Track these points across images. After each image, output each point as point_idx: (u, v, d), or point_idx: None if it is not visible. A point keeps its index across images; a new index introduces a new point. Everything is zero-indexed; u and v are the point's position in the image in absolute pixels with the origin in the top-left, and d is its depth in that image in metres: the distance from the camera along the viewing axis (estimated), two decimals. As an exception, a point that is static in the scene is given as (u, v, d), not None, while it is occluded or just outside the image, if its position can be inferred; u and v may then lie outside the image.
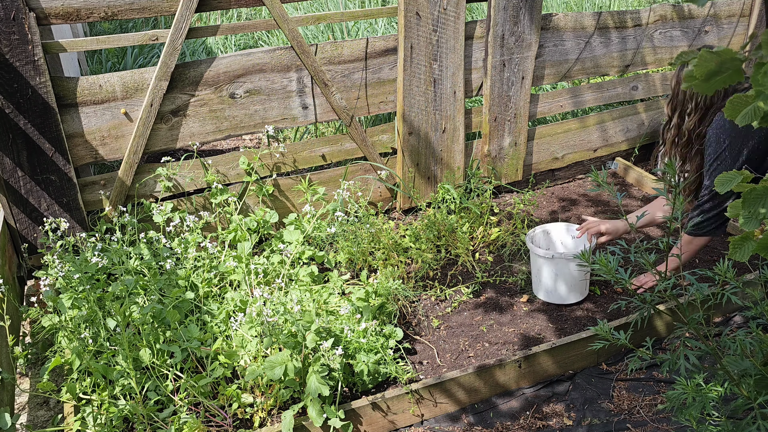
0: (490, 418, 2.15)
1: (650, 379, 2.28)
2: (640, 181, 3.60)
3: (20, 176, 2.56)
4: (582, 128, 3.63)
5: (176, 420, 1.94)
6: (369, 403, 2.06)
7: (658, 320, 2.44)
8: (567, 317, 2.56)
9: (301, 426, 1.98)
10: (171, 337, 2.19)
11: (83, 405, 2.02)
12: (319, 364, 1.94)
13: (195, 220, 2.69)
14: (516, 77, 3.22)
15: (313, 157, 3.09)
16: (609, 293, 2.69)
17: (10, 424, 1.77)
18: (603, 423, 2.08)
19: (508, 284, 2.76)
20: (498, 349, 2.39)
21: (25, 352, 2.31)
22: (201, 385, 2.01)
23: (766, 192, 1.03)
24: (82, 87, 2.56)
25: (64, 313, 2.18)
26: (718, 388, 1.30)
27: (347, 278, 2.71)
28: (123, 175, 2.73)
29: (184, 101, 2.73)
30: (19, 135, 2.49)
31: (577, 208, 3.40)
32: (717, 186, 1.18)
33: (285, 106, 2.91)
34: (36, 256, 2.71)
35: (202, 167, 2.89)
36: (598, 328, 1.43)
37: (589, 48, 3.40)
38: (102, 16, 2.47)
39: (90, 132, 2.65)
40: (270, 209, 2.97)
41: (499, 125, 3.30)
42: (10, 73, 2.39)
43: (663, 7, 3.52)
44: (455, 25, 2.97)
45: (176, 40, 2.57)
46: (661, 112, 3.80)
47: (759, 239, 1.06)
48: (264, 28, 2.74)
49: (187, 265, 2.51)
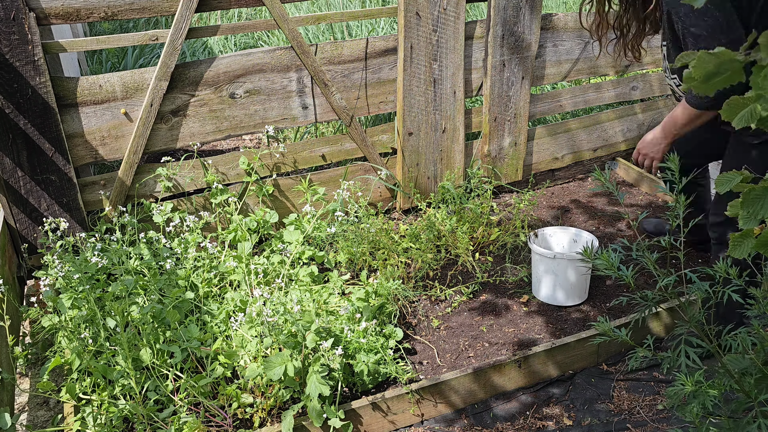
0: (489, 419, 2.14)
1: (650, 379, 2.28)
2: (640, 181, 3.60)
3: (20, 176, 2.56)
4: (582, 128, 3.63)
5: (176, 420, 1.94)
6: (369, 403, 2.06)
7: (658, 320, 2.44)
8: (567, 318, 2.55)
9: (302, 426, 1.98)
10: (171, 337, 2.19)
11: (83, 405, 2.02)
12: (319, 365, 1.94)
13: (195, 220, 2.69)
14: (516, 77, 3.22)
15: (313, 157, 3.09)
16: (609, 293, 2.69)
17: (10, 424, 1.77)
18: (603, 423, 2.08)
19: (508, 284, 2.76)
20: (498, 350, 2.39)
21: (25, 352, 2.31)
22: (201, 385, 2.01)
23: (766, 192, 1.03)
24: (82, 87, 2.56)
25: (64, 313, 2.18)
26: (719, 386, 1.30)
27: (347, 278, 2.71)
28: (123, 175, 2.73)
29: (184, 101, 2.73)
30: (19, 135, 2.49)
31: (578, 208, 3.40)
32: (717, 186, 1.18)
33: (285, 106, 2.91)
34: (36, 256, 2.71)
35: (202, 167, 2.89)
36: (598, 325, 1.43)
37: (589, 48, 3.40)
38: (102, 16, 2.47)
39: (90, 132, 2.65)
40: (270, 209, 2.97)
41: (499, 125, 3.30)
42: (10, 73, 2.39)
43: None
44: (455, 25, 2.97)
45: (176, 40, 2.57)
46: (660, 112, 3.80)
47: (758, 236, 1.06)
48: (264, 28, 2.74)
49: (187, 265, 2.51)
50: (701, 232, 2.69)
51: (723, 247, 2.29)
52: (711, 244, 2.37)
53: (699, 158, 2.58)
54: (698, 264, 2.87)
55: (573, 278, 2.54)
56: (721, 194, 1.12)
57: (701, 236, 2.79)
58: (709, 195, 2.81)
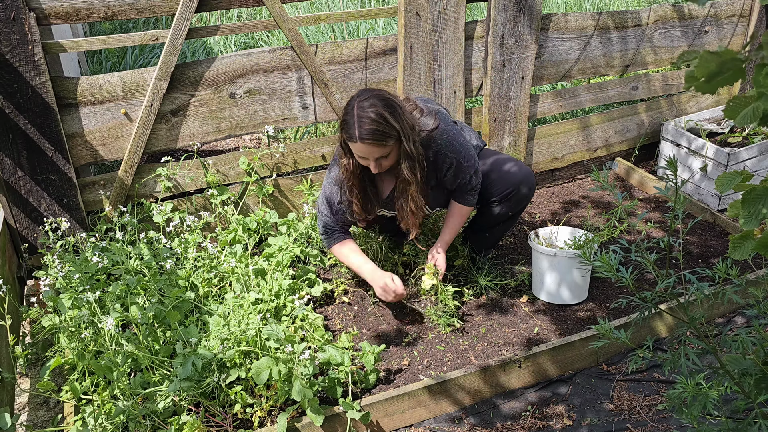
0: (490, 418, 2.14)
1: (650, 379, 2.28)
2: (640, 182, 3.60)
3: (20, 176, 2.56)
4: (582, 128, 3.63)
5: (176, 420, 1.94)
6: (368, 403, 2.06)
7: (659, 320, 2.44)
8: (567, 317, 2.55)
9: (302, 426, 1.98)
10: (171, 337, 2.19)
11: (83, 405, 2.02)
12: (300, 370, 1.95)
13: (195, 220, 2.69)
14: (516, 77, 3.22)
15: (313, 157, 3.09)
16: (609, 292, 2.69)
17: (10, 424, 1.77)
18: (603, 423, 2.08)
19: (509, 284, 2.76)
20: (498, 350, 2.39)
21: (25, 352, 2.31)
22: (201, 385, 2.01)
23: (766, 192, 1.03)
24: (82, 87, 2.56)
25: (64, 313, 2.18)
26: (719, 387, 1.30)
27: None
28: (123, 175, 2.73)
29: (184, 101, 2.73)
30: (19, 135, 2.49)
31: (578, 208, 3.40)
32: (717, 187, 1.18)
33: (285, 106, 2.91)
34: (36, 256, 2.71)
35: (202, 167, 2.88)
36: (598, 327, 1.43)
37: (589, 48, 3.40)
38: (102, 16, 2.47)
39: (90, 132, 2.64)
40: (270, 209, 2.97)
41: (499, 125, 3.30)
42: (10, 73, 2.39)
43: (663, 7, 3.52)
44: (455, 25, 2.97)
45: (176, 40, 2.57)
46: (661, 112, 3.80)
47: (758, 238, 1.06)
48: (264, 28, 2.74)
49: (187, 265, 2.51)
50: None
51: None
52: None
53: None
54: (698, 264, 2.87)
55: (573, 276, 2.54)
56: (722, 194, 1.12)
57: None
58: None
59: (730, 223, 3.10)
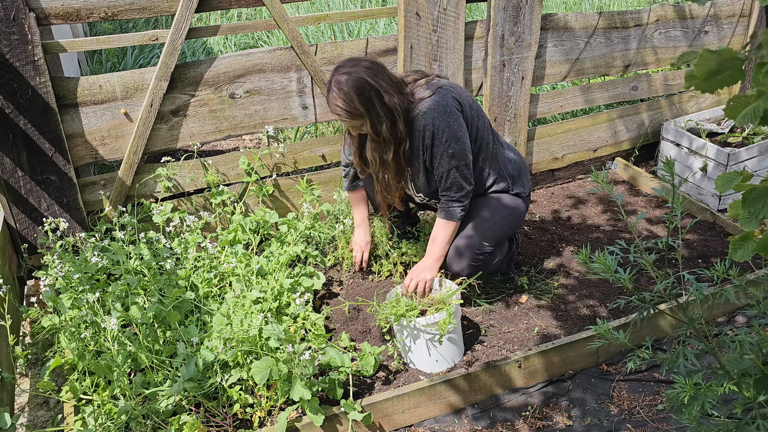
0: (490, 418, 2.15)
1: (650, 379, 2.28)
2: (640, 181, 3.60)
3: (20, 176, 2.56)
4: (582, 128, 3.63)
5: (176, 420, 1.94)
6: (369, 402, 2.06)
7: (659, 320, 2.44)
8: (567, 317, 2.56)
9: (301, 427, 1.98)
10: (171, 337, 2.19)
11: (83, 405, 2.02)
12: (300, 370, 1.95)
13: (195, 220, 2.69)
14: (516, 77, 3.22)
15: (314, 157, 3.09)
16: (609, 292, 2.69)
17: (10, 424, 1.77)
18: (603, 423, 2.08)
19: (508, 284, 2.76)
20: (498, 350, 2.39)
21: (25, 352, 2.31)
22: (203, 385, 2.01)
23: (766, 192, 1.03)
24: (82, 87, 2.56)
25: (64, 313, 2.18)
26: (718, 387, 1.30)
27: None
28: (123, 175, 2.73)
29: (184, 101, 2.73)
30: (19, 135, 2.49)
31: (578, 208, 3.40)
32: (717, 187, 1.17)
33: (285, 106, 2.91)
34: (36, 256, 2.71)
35: (202, 167, 2.89)
36: (597, 328, 1.43)
37: (589, 48, 3.40)
38: (102, 16, 2.47)
39: (90, 132, 2.65)
40: (270, 209, 2.97)
41: (499, 125, 3.30)
42: (10, 73, 2.39)
43: (663, 7, 3.52)
44: (455, 25, 2.97)
45: (176, 40, 2.57)
46: (661, 111, 3.80)
47: (759, 239, 1.06)
48: (264, 28, 2.74)
49: (187, 265, 2.51)
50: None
51: None
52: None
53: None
54: (698, 264, 2.87)
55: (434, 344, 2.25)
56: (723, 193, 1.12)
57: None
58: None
59: (730, 223, 3.10)
